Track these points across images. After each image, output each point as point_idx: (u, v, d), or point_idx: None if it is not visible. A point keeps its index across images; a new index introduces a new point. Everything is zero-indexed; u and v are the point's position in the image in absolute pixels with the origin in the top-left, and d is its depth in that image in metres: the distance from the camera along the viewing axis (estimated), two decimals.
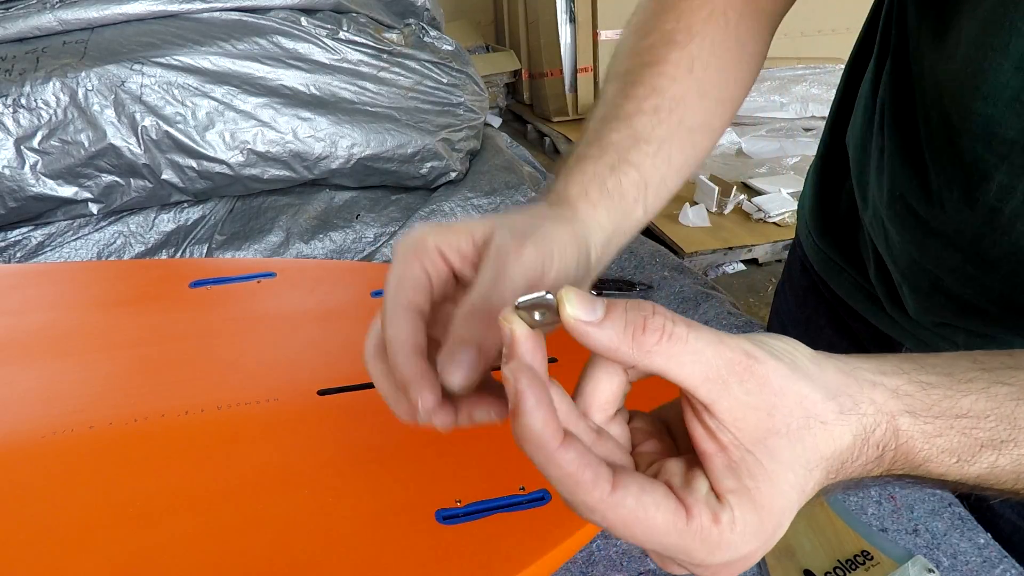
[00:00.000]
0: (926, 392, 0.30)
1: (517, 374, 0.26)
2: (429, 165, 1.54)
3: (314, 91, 1.47)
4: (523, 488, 0.43)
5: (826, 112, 0.70)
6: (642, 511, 0.26)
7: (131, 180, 1.40)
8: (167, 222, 1.47)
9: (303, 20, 1.47)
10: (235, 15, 1.45)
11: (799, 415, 0.28)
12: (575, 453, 0.26)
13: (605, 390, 0.30)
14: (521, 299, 0.27)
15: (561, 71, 3.37)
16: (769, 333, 0.30)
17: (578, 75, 3.38)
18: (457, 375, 0.31)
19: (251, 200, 1.52)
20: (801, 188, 0.78)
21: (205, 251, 1.44)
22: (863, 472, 0.30)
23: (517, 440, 0.27)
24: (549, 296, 0.27)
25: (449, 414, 0.32)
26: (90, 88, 1.33)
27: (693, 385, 0.27)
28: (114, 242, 1.43)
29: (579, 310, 0.26)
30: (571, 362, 0.34)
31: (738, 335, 0.28)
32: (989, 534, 0.51)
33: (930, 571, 0.47)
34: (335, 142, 1.48)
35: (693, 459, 0.29)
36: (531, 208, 0.40)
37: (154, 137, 1.37)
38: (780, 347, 0.29)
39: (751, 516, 0.27)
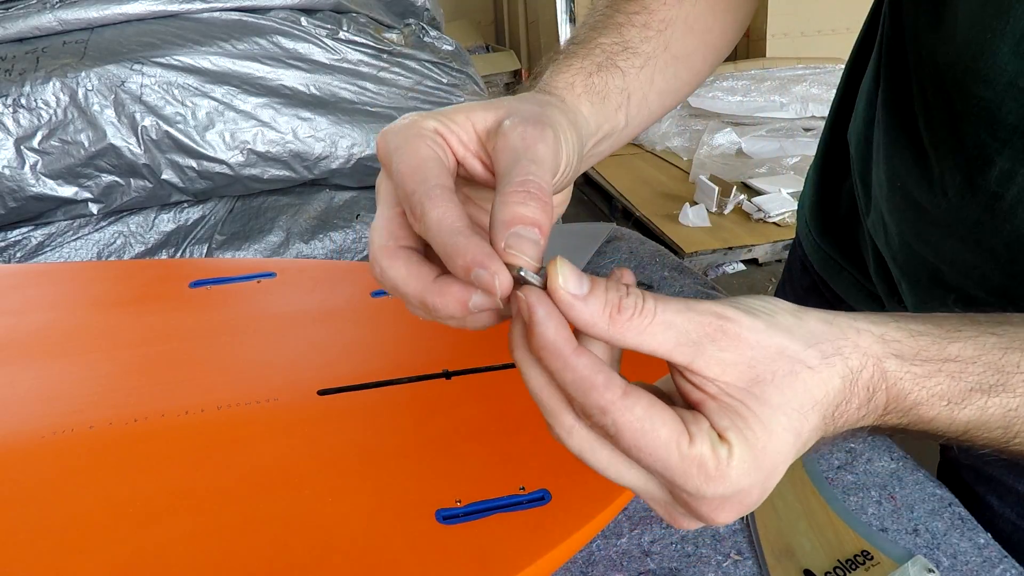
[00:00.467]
0: (914, 339, 0.31)
1: (527, 293, 0.28)
2: None
3: (314, 91, 1.47)
4: (523, 488, 0.43)
5: (826, 112, 0.70)
6: (649, 422, 0.27)
7: (131, 180, 1.40)
8: (167, 222, 1.47)
9: (303, 20, 1.47)
10: (235, 15, 1.45)
11: (782, 364, 0.29)
12: (588, 359, 0.27)
13: (597, 350, 0.30)
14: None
15: None
16: (749, 294, 0.30)
17: None
18: (529, 250, 0.28)
19: (251, 200, 1.52)
20: (801, 188, 0.78)
21: (205, 251, 1.44)
22: (857, 418, 0.31)
23: (536, 351, 0.28)
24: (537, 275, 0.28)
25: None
26: (90, 88, 1.33)
27: (667, 351, 0.28)
28: (114, 242, 1.43)
29: (569, 282, 0.27)
30: None
31: (712, 300, 0.29)
32: (989, 534, 0.51)
33: (930, 571, 0.47)
34: (335, 142, 1.48)
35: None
36: (524, 96, 0.37)
37: (154, 137, 1.37)
38: (756, 304, 0.30)
39: (747, 454, 0.28)
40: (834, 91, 0.68)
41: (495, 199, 0.30)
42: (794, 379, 0.29)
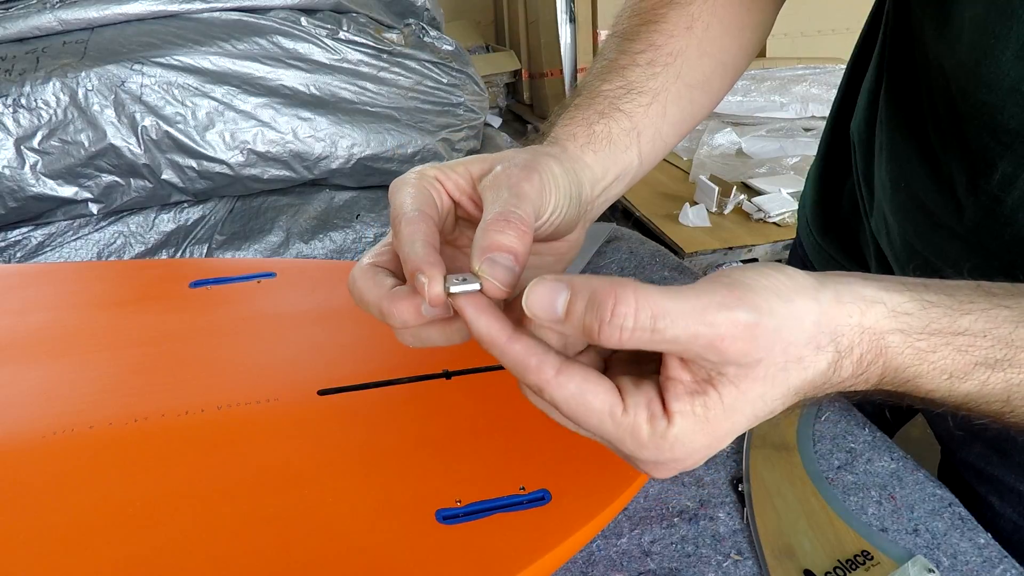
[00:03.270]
0: (925, 310, 0.31)
1: (456, 298, 0.31)
2: None
3: (314, 91, 1.47)
4: (523, 488, 0.43)
5: (826, 112, 0.70)
6: (582, 396, 0.30)
7: (131, 180, 1.40)
8: (167, 222, 1.47)
9: (303, 20, 1.47)
10: (235, 15, 1.45)
11: (781, 361, 0.29)
12: (521, 345, 0.30)
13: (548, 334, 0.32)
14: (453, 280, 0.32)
15: (561, 71, 3.37)
16: (755, 267, 0.30)
17: (578, 75, 3.38)
18: (501, 275, 0.31)
19: (251, 200, 1.52)
20: (801, 188, 0.78)
21: (205, 251, 1.44)
22: (845, 387, 0.32)
23: (480, 344, 0.31)
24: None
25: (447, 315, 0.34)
26: (90, 88, 1.33)
27: (672, 363, 0.30)
28: (114, 242, 1.43)
29: (538, 309, 0.29)
30: None
31: (716, 288, 0.29)
32: (989, 534, 0.51)
33: (930, 571, 0.47)
34: (335, 142, 1.48)
35: (645, 372, 0.32)
36: (525, 148, 0.40)
37: (154, 137, 1.37)
38: (763, 286, 0.30)
39: (690, 429, 0.30)
40: (834, 91, 0.68)
41: (478, 228, 0.33)
42: (781, 375, 0.30)
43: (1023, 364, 0.32)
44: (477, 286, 0.32)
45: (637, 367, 0.33)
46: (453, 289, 0.32)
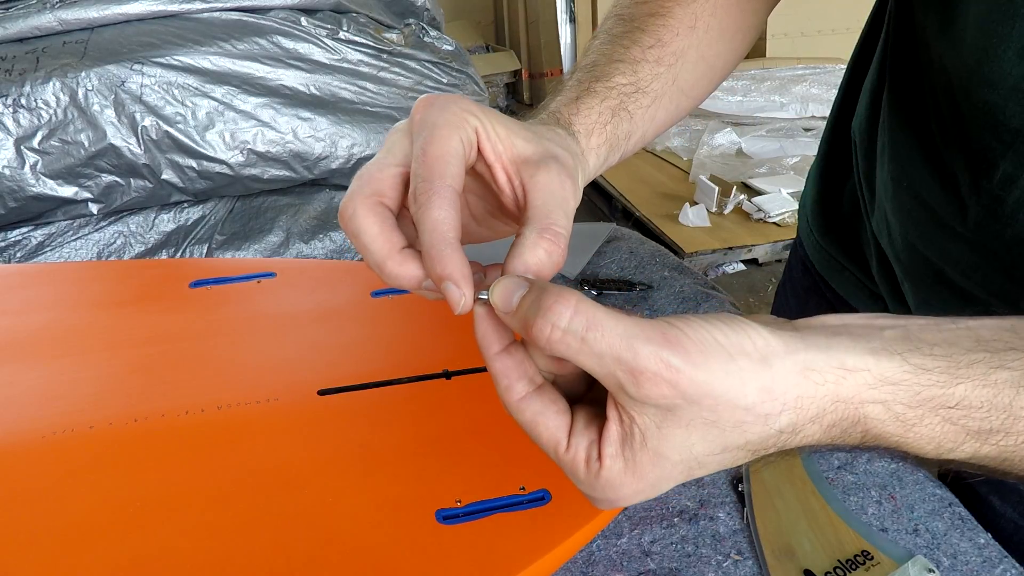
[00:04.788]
0: (917, 377, 0.29)
1: (476, 305, 0.32)
2: None
3: (314, 91, 1.47)
4: (523, 488, 0.43)
5: (826, 112, 0.70)
6: (534, 426, 0.32)
7: (131, 180, 1.40)
8: (167, 222, 1.47)
9: (303, 20, 1.47)
10: (235, 15, 1.45)
11: (709, 417, 0.29)
12: (501, 363, 0.32)
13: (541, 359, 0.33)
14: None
15: (561, 71, 3.37)
16: (726, 322, 0.29)
17: None
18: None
19: (251, 200, 1.52)
20: (801, 188, 0.78)
21: (205, 251, 1.44)
22: (829, 443, 0.31)
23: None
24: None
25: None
26: (90, 88, 1.33)
27: (609, 403, 0.30)
28: (114, 242, 1.43)
29: (498, 299, 0.31)
30: None
31: (662, 326, 0.28)
32: (989, 534, 0.51)
33: (930, 571, 0.47)
34: (335, 142, 1.48)
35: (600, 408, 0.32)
36: (553, 133, 0.39)
37: (154, 137, 1.37)
38: (714, 342, 0.28)
39: (618, 477, 0.30)
40: (834, 91, 0.68)
41: (524, 231, 0.33)
42: (718, 431, 0.29)
43: (1020, 432, 0.30)
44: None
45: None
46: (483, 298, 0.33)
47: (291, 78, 1.45)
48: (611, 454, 0.30)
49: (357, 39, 1.50)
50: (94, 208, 1.40)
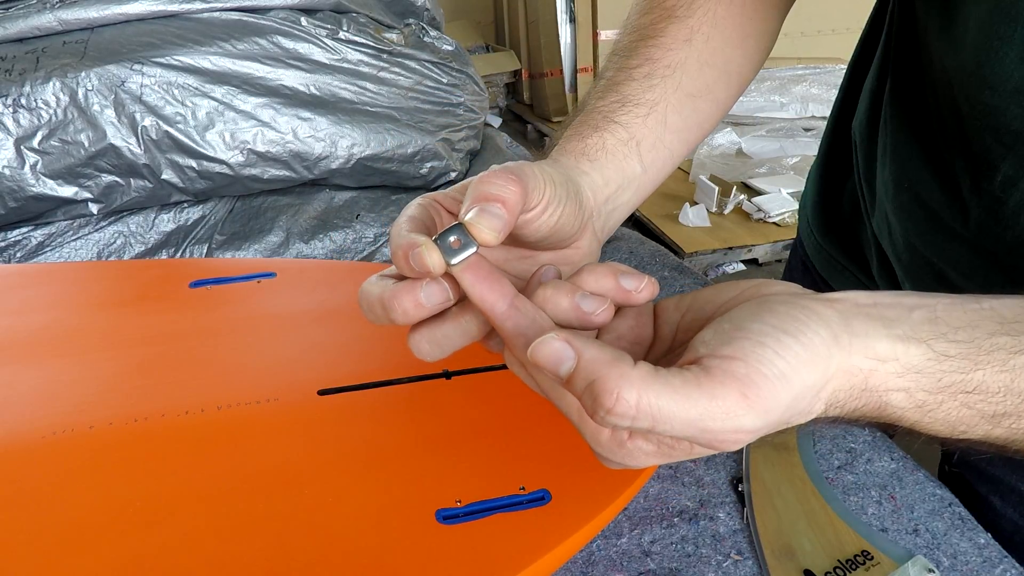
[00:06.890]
0: (940, 365, 0.30)
1: (457, 270, 0.31)
2: (429, 165, 1.54)
3: (314, 91, 1.47)
4: (523, 488, 0.43)
5: (826, 112, 0.70)
6: (553, 387, 0.32)
7: (131, 180, 1.40)
8: (167, 222, 1.47)
9: (303, 20, 1.47)
10: (235, 15, 1.45)
11: (776, 423, 0.29)
12: (512, 323, 0.31)
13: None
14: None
15: (561, 71, 3.37)
16: (778, 341, 0.28)
17: (578, 75, 3.38)
18: (490, 222, 0.31)
19: (251, 200, 1.52)
20: (801, 188, 0.78)
21: (205, 251, 1.44)
22: (833, 419, 0.31)
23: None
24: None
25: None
26: (90, 88, 1.33)
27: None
28: (114, 242, 1.43)
29: (543, 363, 0.29)
30: None
31: (728, 390, 0.27)
32: (989, 534, 0.51)
33: (930, 571, 0.47)
34: (335, 142, 1.48)
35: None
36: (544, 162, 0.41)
37: (154, 137, 1.37)
38: (778, 372, 0.28)
39: (642, 448, 0.31)
40: (834, 91, 0.68)
41: (468, 187, 0.33)
42: (743, 435, 0.29)
43: None
44: (474, 248, 0.31)
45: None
46: (453, 261, 0.31)
47: (291, 78, 1.45)
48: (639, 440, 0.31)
49: (357, 39, 1.50)
50: (94, 208, 1.40)
